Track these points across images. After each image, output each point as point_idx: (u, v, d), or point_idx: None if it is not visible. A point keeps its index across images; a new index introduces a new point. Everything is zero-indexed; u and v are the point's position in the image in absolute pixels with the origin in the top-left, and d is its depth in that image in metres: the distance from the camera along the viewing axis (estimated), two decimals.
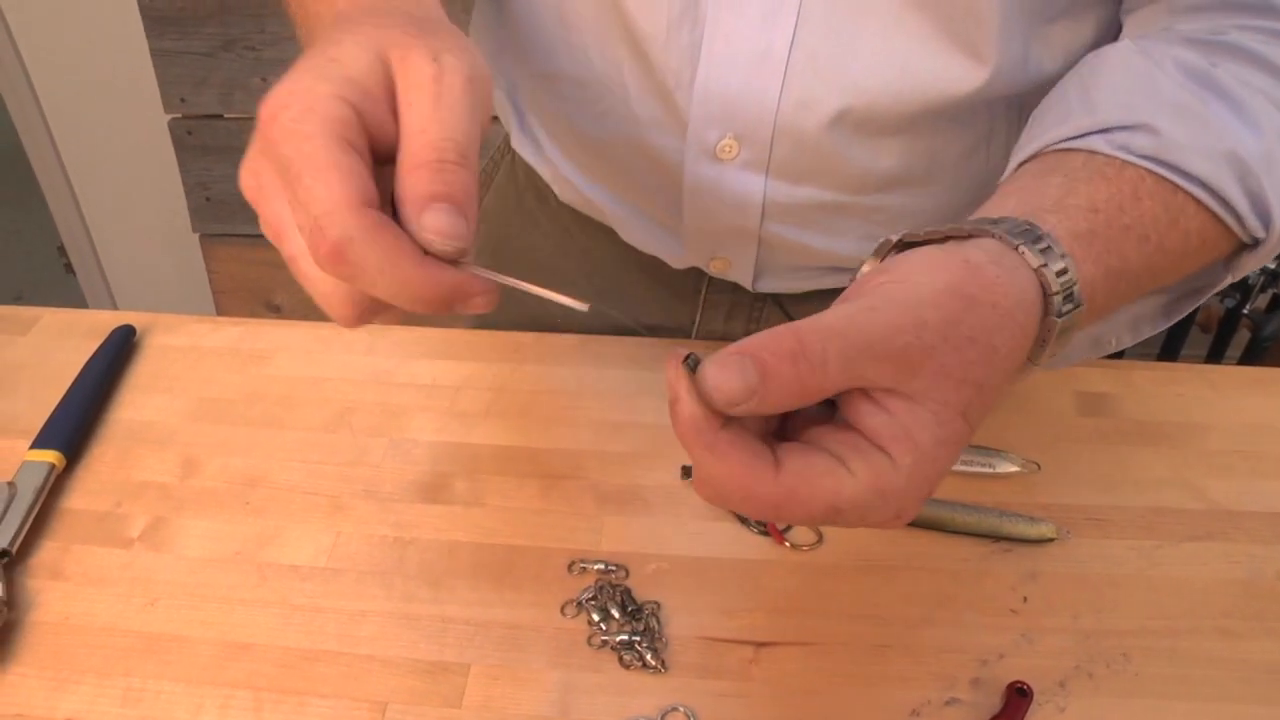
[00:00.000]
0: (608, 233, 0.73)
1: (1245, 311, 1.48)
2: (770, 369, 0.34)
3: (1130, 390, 0.67)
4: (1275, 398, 0.67)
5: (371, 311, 0.39)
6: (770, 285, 0.70)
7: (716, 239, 0.67)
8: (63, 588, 0.55)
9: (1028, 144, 0.51)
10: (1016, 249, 0.40)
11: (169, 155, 1.70)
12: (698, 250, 0.69)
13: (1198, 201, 0.47)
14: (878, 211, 0.63)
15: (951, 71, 0.55)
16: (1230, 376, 0.69)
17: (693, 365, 0.35)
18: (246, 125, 1.66)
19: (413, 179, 0.37)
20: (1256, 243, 0.50)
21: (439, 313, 0.37)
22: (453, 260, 0.37)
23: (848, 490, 0.35)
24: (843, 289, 0.40)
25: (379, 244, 0.35)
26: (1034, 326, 0.40)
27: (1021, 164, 0.51)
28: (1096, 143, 0.47)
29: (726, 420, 0.35)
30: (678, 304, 0.76)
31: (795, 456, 0.36)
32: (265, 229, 0.39)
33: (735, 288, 0.72)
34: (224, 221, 1.74)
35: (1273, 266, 1.41)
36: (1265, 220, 0.48)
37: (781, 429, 0.38)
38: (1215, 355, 1.63)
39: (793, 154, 0.59)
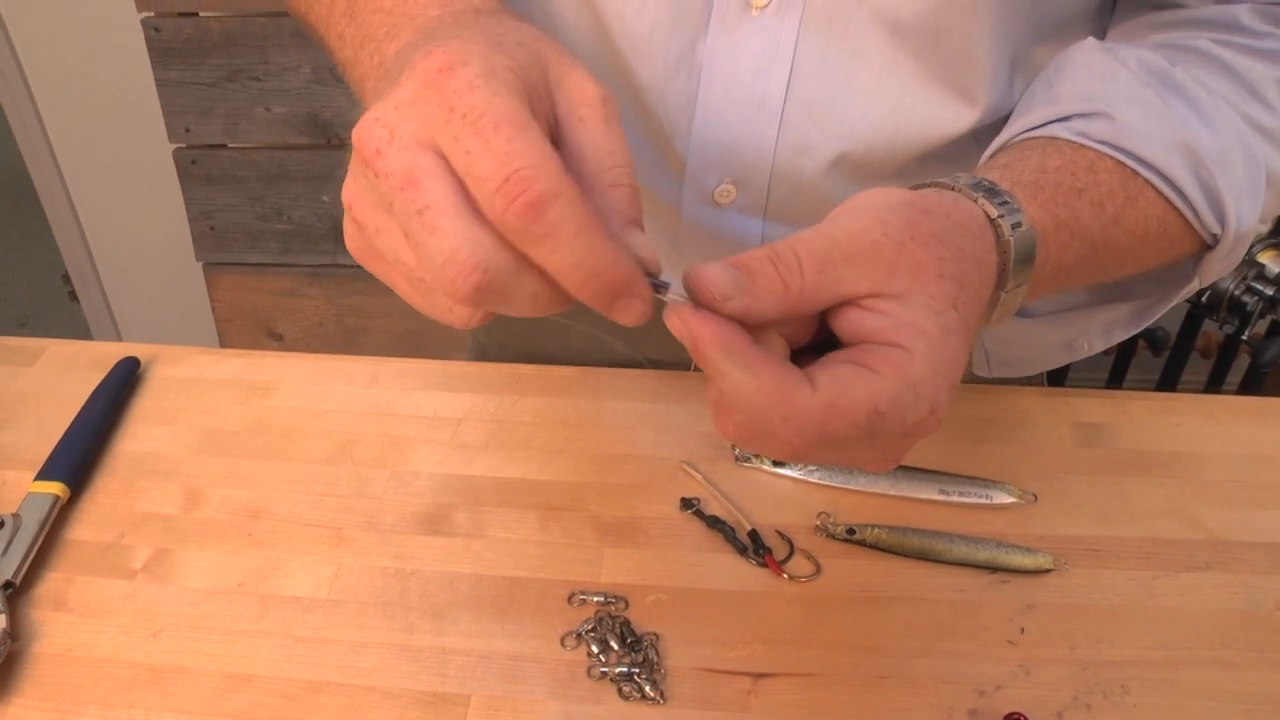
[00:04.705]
0: None
1: (1244, 338, 1.48)
2: (752, 267, 0.36)
3: (1127, 421, 0.68)
4: (1272, 428, 0.67)
5: (495, 293, 0.34)
6: None
7: None
8: (66, 619, 0.56)
9: (996, 141, 0.53)
10: (953, 188, 0.42)
11: (173, 184, 1.71)
12: None
13: (1155, 189, 0.49)
14: None
15: (944, 114, 0.55)
16: (1228, 406, 0.69)
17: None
18: (250, 155, 1.67)
19: (612, 196, 0.36)
20: (1216, 241, 0.51)
21: (598, 301, 0.35)
22: None
23: (880, 389, 0.36)
24: None
25: (581, 208, 0.33)
26: (991, 241, 0.41)
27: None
28: (1056, 129, 0.49)
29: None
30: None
31: (822, 370, 0.37)
32: (389, 179, 0.34)
33: None
34: (227, 251, 1.75)
35: (1270, 293, 1.41)
36: (1220, 217, 0.50)
37: None
38: (1215, 381, 1.64)
39: (790, 197, 0.60)
